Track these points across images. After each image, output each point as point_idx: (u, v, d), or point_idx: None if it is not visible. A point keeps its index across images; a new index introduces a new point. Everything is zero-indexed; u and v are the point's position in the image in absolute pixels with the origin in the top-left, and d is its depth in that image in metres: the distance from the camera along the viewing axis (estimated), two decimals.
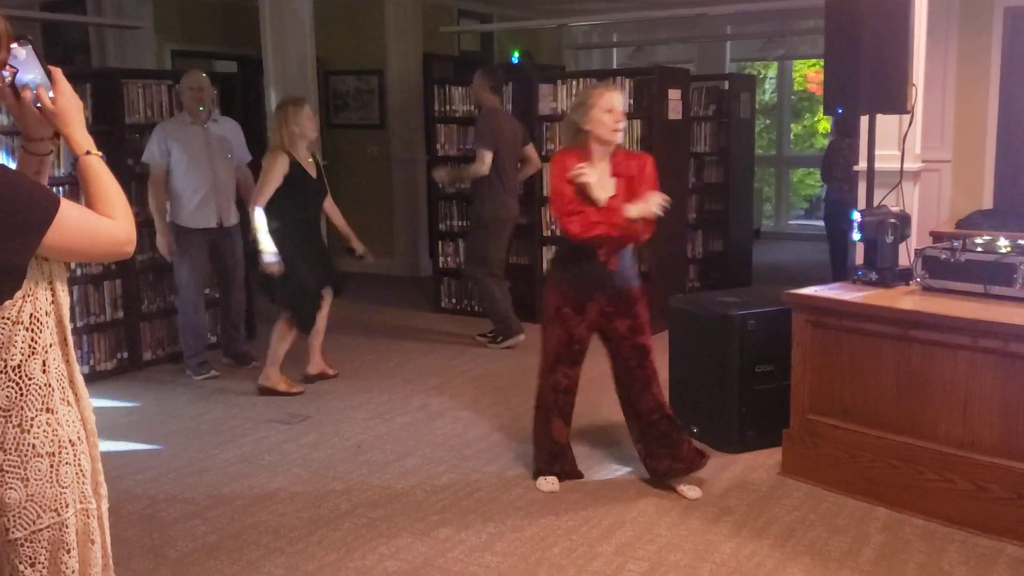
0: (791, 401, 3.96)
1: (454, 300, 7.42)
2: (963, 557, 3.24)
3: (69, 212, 1.71)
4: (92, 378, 5.59)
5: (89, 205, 1.79)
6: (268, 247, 4.99)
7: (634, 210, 3.57)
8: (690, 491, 3.79)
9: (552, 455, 3.97)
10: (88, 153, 1.80)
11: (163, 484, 4.06)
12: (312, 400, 5.21)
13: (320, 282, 5.27)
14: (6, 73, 1.73)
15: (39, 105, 1.75)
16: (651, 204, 3.57)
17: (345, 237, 5.47)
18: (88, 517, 1.82)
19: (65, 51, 8.73)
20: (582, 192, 3.62)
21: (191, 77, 5.59)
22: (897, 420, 3.60)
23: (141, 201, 5.88)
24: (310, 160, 5.22)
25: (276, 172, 5.02)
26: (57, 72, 1.75)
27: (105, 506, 1.89)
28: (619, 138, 3.67)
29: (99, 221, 1.76)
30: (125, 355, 5.77)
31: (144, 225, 5.92)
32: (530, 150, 6.36)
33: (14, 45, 1.73)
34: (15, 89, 1.75)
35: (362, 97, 9.31)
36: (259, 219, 5.00)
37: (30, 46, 1.74)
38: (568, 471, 3.99)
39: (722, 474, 4.03)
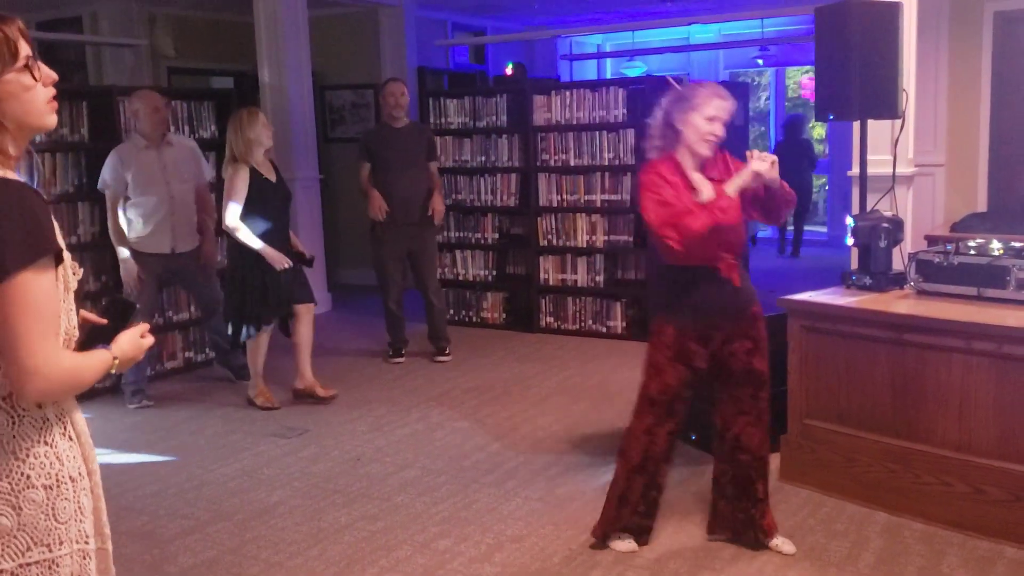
0: (788, 406, 3.97)
1: (452, 311, 7.42)
2: (962, 560, 3.24)
3: (45, 284, 1.58)
4: (89, 395, 5.58)
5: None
6: (257, 244, 4.98)
7: (731, 185, 3.08)
8: (785, 545, 3.36)
9: (643, 513, 3.40)
10: (113, 357, 1.75)
11: (163, 500, 4.07)
12: (311, 413, 5.22)
13: (277, 301, 5.15)
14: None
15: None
16: (751, 166, 3.07)
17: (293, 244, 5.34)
18: (85, 558, 1.72)
19: (62, 70, 8.75)
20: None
21: (151, 97, 5.36)
22: (894, 424, 3.60)
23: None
24: (271, 168, 5.22)
25: (239, 185, 5.00)
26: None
27: (109, 546, 1.81)
28: (709, 150, 3.18)
29: (52, 336, 1.60)
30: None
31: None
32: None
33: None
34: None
35: (358, 111, 9.35)
36: (239, 228, 4.97)
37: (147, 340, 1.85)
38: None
39: None
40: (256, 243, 5.00)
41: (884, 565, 3.23)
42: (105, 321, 1.80)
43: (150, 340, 1.85)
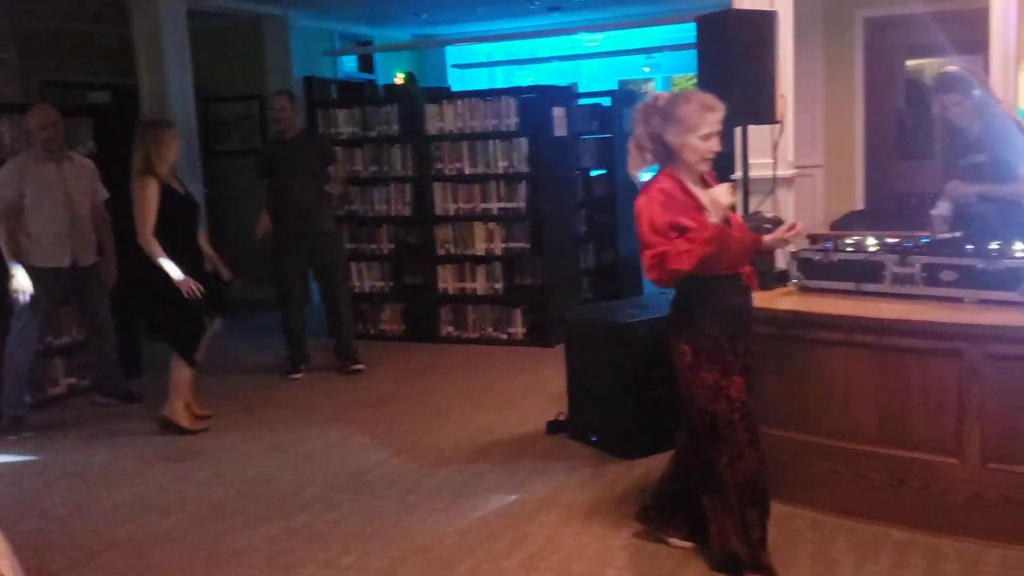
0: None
1: None
2: (851, 545, 3.37)
3: None
4: None
5: None
6: (176, 273, 4.83)
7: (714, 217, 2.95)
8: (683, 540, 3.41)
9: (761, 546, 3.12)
10: None
11: (48, 534, 3.88)
12: (206, 435, 5.06)
13: (202, 309, 5.05)
14: None
15: None
16: (720, 198, 2.95)
17: (211, 260, 5.25)
18: None
19: None
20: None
21: (42, 114, 5.22)
22: (783, 416, 3.72)
23: None
24: (178, 181, 5.10)
25: (151, 199, 4.84)
26: None
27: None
28: (709, 166, 3.06)
29: None
30: None
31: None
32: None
33: None
34: None
35: (243, 123, 9.16)
36: (157, 248, 4.82)
37: None
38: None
39: (621, 480, 4.09)
40: (173, 271, 4.83)
41: (776, 553, 3.31)
42: None
43: None
